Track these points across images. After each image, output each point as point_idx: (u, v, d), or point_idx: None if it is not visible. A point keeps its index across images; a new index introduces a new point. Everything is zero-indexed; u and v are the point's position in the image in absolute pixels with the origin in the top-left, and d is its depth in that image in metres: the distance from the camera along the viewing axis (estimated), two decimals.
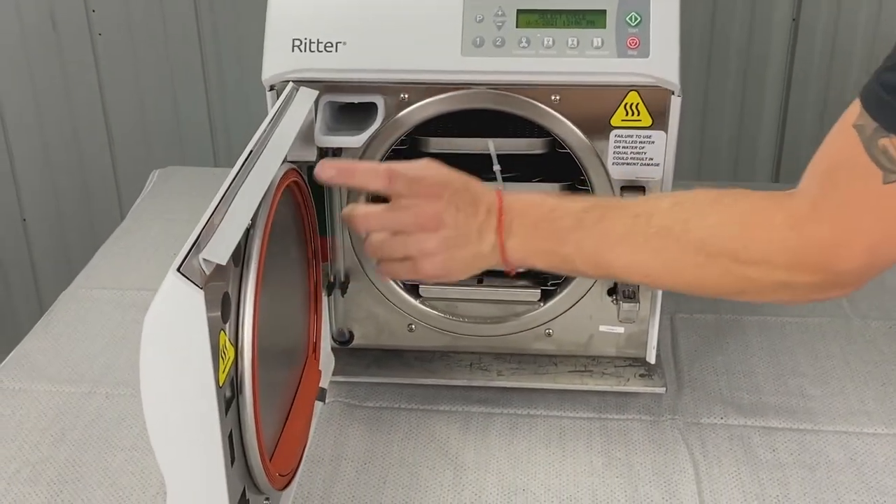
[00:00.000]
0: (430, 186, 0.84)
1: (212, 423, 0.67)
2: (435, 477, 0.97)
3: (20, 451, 1.01)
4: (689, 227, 0.80)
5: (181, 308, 0.64)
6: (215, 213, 0.69)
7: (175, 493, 0.70)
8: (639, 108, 0.94)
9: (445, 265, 0.85)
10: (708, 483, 0.96)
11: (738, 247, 0.78)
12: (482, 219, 0.85)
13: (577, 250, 0.83)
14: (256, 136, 0.81)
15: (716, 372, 1.13)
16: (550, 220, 0.84)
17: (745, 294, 0.82)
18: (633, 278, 0.84)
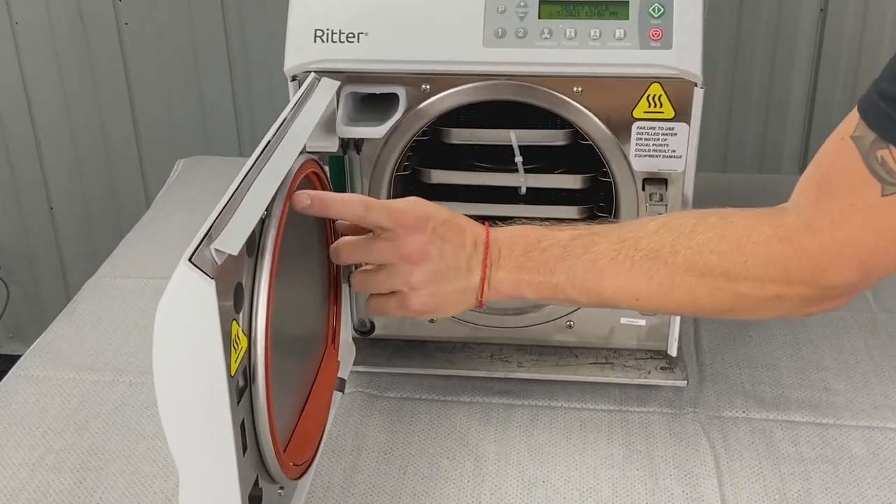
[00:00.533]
0: (411, 218, 0.82)
1: (223, 412, 0.67)
2: (455, 468, 0.97)
3: (44, 438, 1.02)
4: (677, 248, 0.79)
5: (192, 298, 0.64)
6: (229, 204, 0.69)
7: (187, 481, 0.70)
8: (661, 99, 0.94)
9: (434, 300, 0.84)
10: (729, 476, 0.96)
11: (727, 264, 0.78)
12: (469, 251, 0.84)
13: (567, 279, 0.82)
14: (275, 126, 0.81)
15: (738, 365, 1.12)
16: (539, 250, 0.83)
17: (738, 311, 0.81)
18: (624, 303, 0.83)
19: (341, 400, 1.05)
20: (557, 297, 0.84)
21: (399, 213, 0.82)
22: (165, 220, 1.44)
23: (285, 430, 0.81)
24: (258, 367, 0.72)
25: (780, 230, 0.77)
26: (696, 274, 0.79)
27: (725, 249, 0.78)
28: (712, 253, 0.79)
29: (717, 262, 0.78)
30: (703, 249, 0.79)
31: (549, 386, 1.07)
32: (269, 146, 0.78)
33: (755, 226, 0.78)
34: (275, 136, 0.80)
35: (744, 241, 0.78)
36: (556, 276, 0.82)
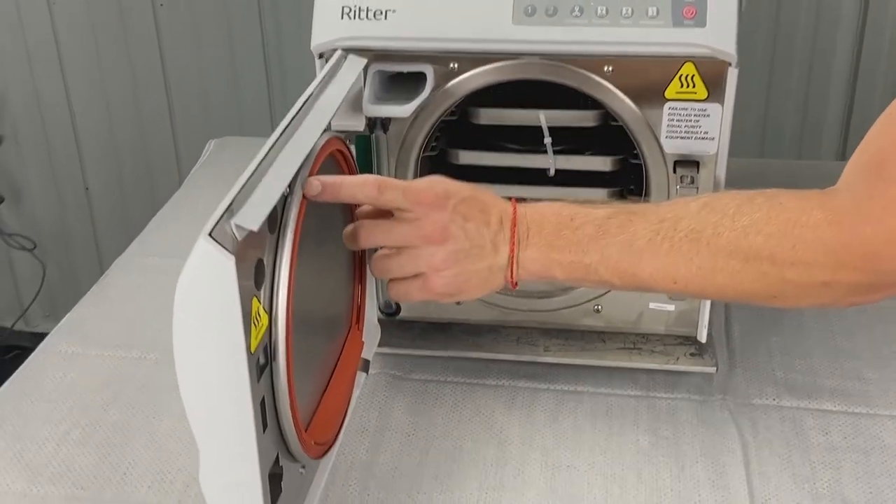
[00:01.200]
0: (430, 196, 0.79)
1: (242, 389, 0.67)
2: (478, 450, 0.97)
3: (71, 413, 1.02)
4: (720, 230, 0.76)
5: (212, 274, 0.64)
6: (251, 179, 0.69)
7: (207, 458, 0.70)
8: (694, 79, 0.92)
9: (458, 281, 0.80)
10: (757, 465, 0.94)
11: (774, 247, 0.74)
12: (495, 229, 0.81)
13: (601, 259, 0.79)
14: (299, 102, 0.81)
15: (770, 353, 1.10)
16: (572, 229, 0.80)
17: (783, 298, 0.77)
18: (661, 286, 0.80)
19: (366, 381, 1.05)
20: (590, 279, 0.81)
21: (416, 192, 0.80)
22: (195, 199, 1.44)
23: (307, 408, 0.81)
24: (279, 345, 0.71)
25: (831, 213, 0.73)
26: (740, 258, 0.75)
27: (772, 232, 0.74)
28: (758, 235, 0.74)
29: (764, 245, 0.74)
30: (748, 231, 0.75)
31: (576, 370, 1.06)
32: (293, 122, 0.78)
33: (805, 208, 0.74)
34: (299, 112, 0.79)
35: (792, 223, 0.74)
36: (589, 255, 0.79)
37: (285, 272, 0.72)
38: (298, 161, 0.74)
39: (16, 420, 1.01)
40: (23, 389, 1.06)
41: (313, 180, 0.76)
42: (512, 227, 0.81)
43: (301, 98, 0.82)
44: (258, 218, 0.65)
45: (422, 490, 0.92)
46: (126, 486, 0.93)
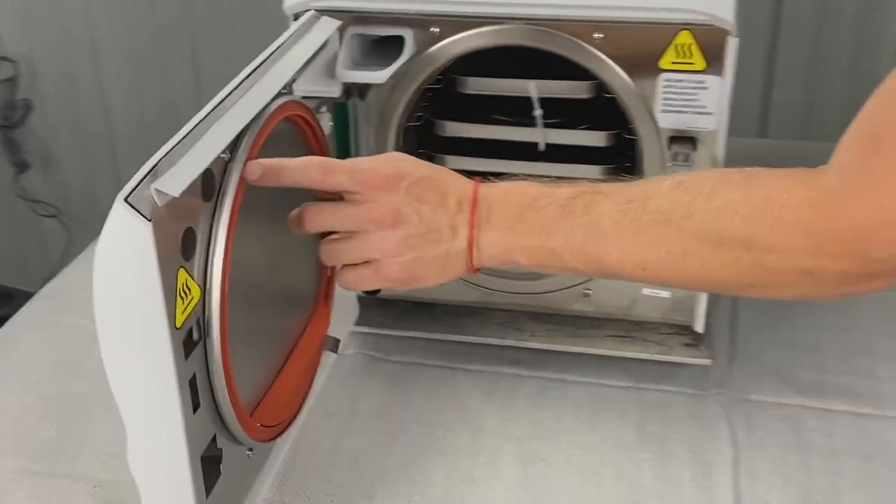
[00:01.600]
0: (380, 178, 0.73)
1: (166, 366, 0.63)
2: (451, 439, 0.91)
3: (37, 384, 0.99)
4: (692, 210, 0.69)
5: (128, 241, 0.59)
6: (184, 141, 0.64)
7: (134, 437, 0.66)
8: (691, 49, 0.85)
9: (413, 267, 0.75)
10: (747, 466, 0.88)
11: (749, 230, 0.67)
12: (453, 211, 0.75)
13: (565, 243, 0.72)
14: (255, 62, 0.76)
15: (776, 345, 1.03)
16: (535, 210, 0.73)
17: (760, 287, 0.70)
18: (629, 273, 0.73)
19: (341, 361, 1.00)
20: (555, 264, 0.75)
21: (364, 173, 0.74)
22: None
23: (255, 388, 0.76)
24: (213, 320, 0.67)
25: (815, 193, 0.65)
26: (713, 241, 0.69)
27: (748, 213, 0.67)
28: (734, 217, 0.67)
29: (738, 227, 0.67)
30: (722, 213, 0.68)
31: (564, 358, 1.00)
32: (244, 83, 0.73)
33: (785, 186, 0.67)
34: (253, 73, 0.74)
35: (771, 203, 0.66)
36: (552, 239, 0.73)
37: (221, 243, 0.67)
38: (242, 124, 0.69)
39: None
40: None
41: (253, 164, 0.70)
42: (472, 208, 0.75)
43: (258, 58, 0.77)
44: (181, 183, 0.60)
45: (385, 479, 0.87)
46: (80, 461, 0.89)
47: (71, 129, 2.33)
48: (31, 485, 0.87)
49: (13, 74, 2.28)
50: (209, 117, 0.67)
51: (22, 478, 0.87)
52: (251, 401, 0.76)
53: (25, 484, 0.87)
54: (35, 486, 0.87)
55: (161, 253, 0.60)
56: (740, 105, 0.90)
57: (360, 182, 0.73)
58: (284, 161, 0.72)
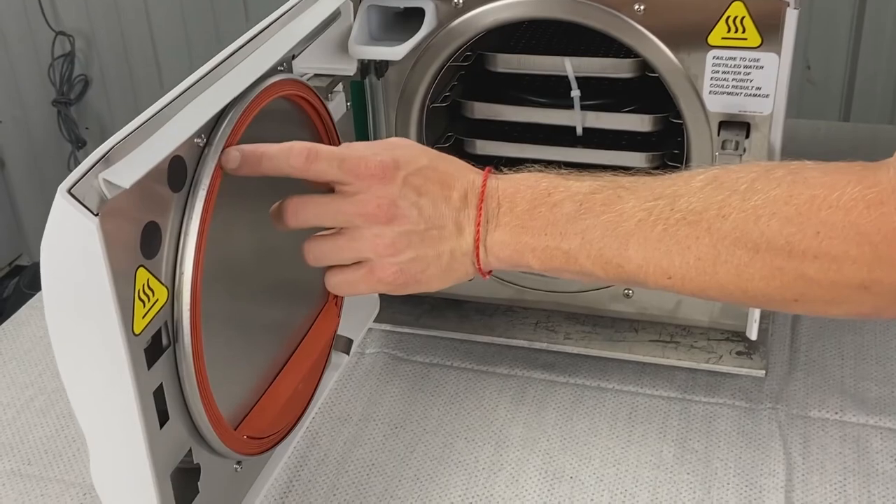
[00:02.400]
0: (374, 166, 0.65)
1: (123, 377, 0.56)
2: (471, 451, 0.83)
3: (39, 377, 0.94)
4: (726, 210, 0.59)
5: (72, 238, 0.52)
6: (148, 123, 0.57)
7: (96, 452, 0.60)
8: (744, 22, 0.75)
9: (411, 269, 0.66)
10: (801, 493, 0.78)
11: (792, 234, 0.57)
12: (458, 206, 0.66)
13: (581, 245, 0.63)
14: (250, 33, 0.68)
15: (841, 355, 0.93)
16: (548, 206, 0.64)
17: (805, 302, 0.60)
18: (652, 281, 0.63)
19: (359, 361, 0.93)
20: (570, 269, 0.65)
21: (355, 160, 0.65)
22: None
23: (242, 396, 0.69)
24: (182, 324, 0.60)
25: (873, 191, 0.55)
26: (749, 247, 0.59)
27: (789, 214, 0.57)
28: (773, 218, 0.58)
29: (779, 231, 0.58)
30: (760, 213, 0.58)
31: (601, 364, 0.91)
32: (231, 58, 0.65)
33: (837, 184, 0.57)
34: (245, 45, 0.67)
35: (818, 203, 0.57)
36: (567, 240, 0.64)
37: (193, 238, 0.60)
38: (218, 106, 0.61)
39: None
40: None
41: (231, 150, 0.62)
42: (479, 203, 0.66)
43: (252, 30, 0.69)
44: (134, 174, 0.53)
45: (397, 493, 0.80)
46: (75, 465, 0.84)
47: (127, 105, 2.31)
48: (20, 489, 0.81)
49: (70, 50, 2.26)
50: (183, 96, 0.60)
51: (12, 481, 0.82)
52: (237, 410, 0.69)
53: (15, 488, 0.81)
54: (24, 490, 0.81)
55: (112, 251, 0.53)
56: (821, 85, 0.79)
57: (351, 171, 0.65)
58: (264, 147, 0.64)
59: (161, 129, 0.57)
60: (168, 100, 0.59)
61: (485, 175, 0.67)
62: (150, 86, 2.26)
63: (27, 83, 2.36)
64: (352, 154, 0.66)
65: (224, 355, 0.65)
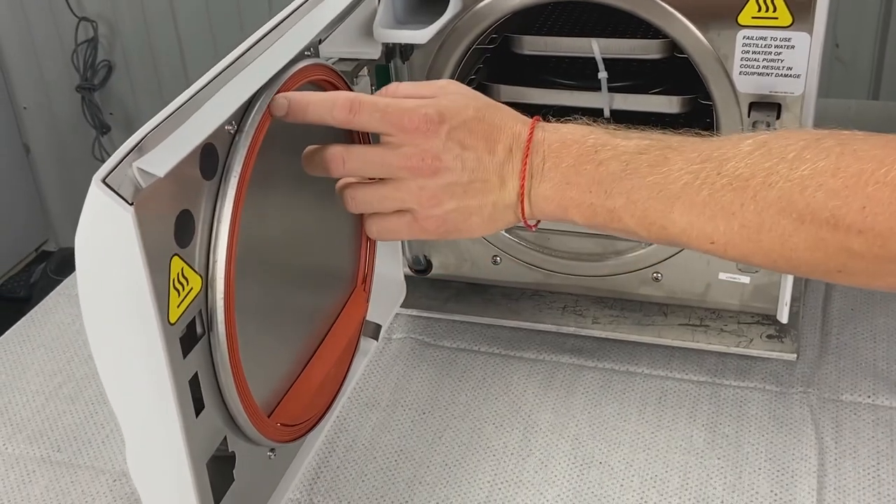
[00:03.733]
0: (418, 120, 0.64)
1: (160, 366, 0.55)
2: (500, 436, 0.83)
3: (68, 364, 0.94)
4: (773, 178, 0.58)
5: (108, 228, 0.52)
6: (179, 111, 0.57)
7: (132, 442, 0.60)
8: (775, 1, 0.74)
9: (453, 218, 0.66)
10: (834, 477, 0.77)
11: (837, 208, 0.56)
12: (502, 158, 0.66)
13: (626, 204, 0.63)
14: (276, 19, 0.68)
15: (874, 338, 0.92)
16: (595, 164, 0.64)
17: (848, 274, 0.59)
18: (695, 244, 0.63)
19: (386, 346, 0.93)
20: (613, 226, 0.65)
21: (397, 113, 0.65)
22: None
23: (275, 383, 0.69)
24: (217, 312, 0.59)
25: None
26: (794, 216, 0.58)
27: (836, 187, 0.57)
28: (819, 190, 0.57)
29: (823, 203, 0.57)
30: (807, 184, 0.58)
31: (630, 348, 0.91)
32: (258, 44, 0.65)
33: (886, 158, 0.56)
34: (271, 31, 0.66)
35: (866, 177, 0.56)
36: (612, 199, 0.64)
37: (225, 226, 0.59)
38: (248, 93, 0.61)
39: (12, 368, 0.94)
40: (27, 333, 0.98)
41: (280, 97, 0.63)
42: (524, 157, 0.65)
43: (279, 15, 0.69)
44: (168, 161, 0.53)
45: (426, 479, 0.80)
46: (105, 452, 0.84)
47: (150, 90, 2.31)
48: (51, 476, 0.82)
49: (93, 35, 2.26)
50: (213, 83, 0.60)
51: (42, 468, 0.82)
52: (271, 397, 0.68)
53: (45, 475, 0.82)
54: (55, 477, 0.82)
55: (147, 240, 0.52)
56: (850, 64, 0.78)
57: (394, 124, 0.65)
58: (310, 96, 0.64)
59: (192, 116, 0.57)
60: (198, 87, 0.59)
61: (531, 126, 0.66)
62: (173, 70, 2.26)
63: (51, 69, 2.36)
64: (395, 107, 0.65)
65: (256, 343, 0.65)
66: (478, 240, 0.92)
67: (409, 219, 0.68)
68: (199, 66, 2.22)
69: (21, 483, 0.81)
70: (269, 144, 0.63)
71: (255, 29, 0.66)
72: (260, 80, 0.62)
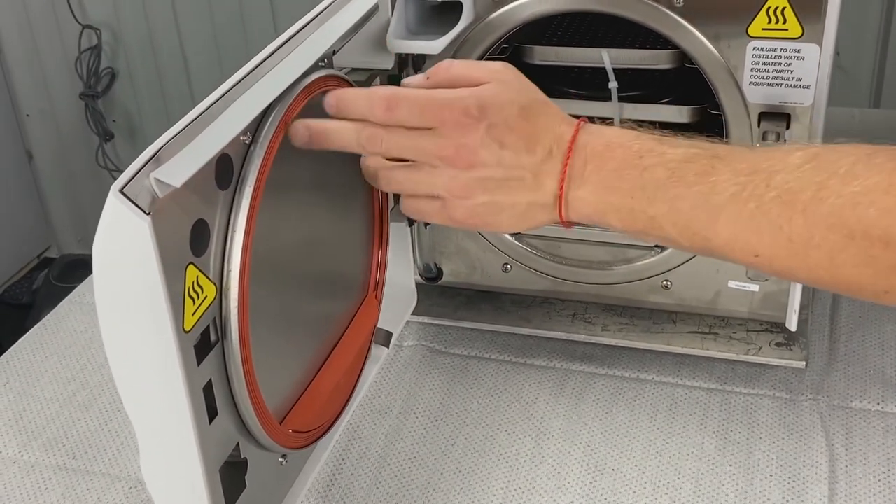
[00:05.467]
0: (458, 113, 0.64)
1: (174, 374, 0.56)
2: (512, 443, 0.84)
3: (82, 372, 0.95)
4: (824, 193, 0.58)
5: (125, 237, 0.53)
6: (196, 122, 0.57)
7: (146, 448, 0.61)
8: (785, 13, 0.75)
9: (484, 211, 0.66)
10: (845, 484, 0.78)
11: (887, 225, 0.56)
12: (541, 158, 0.65)
13: (668, 212, 0.62)
14: (291, 30, 0.69)
15: (882, 345, 0.92)
16: (639, 169, 0.63)
17: (894, 295, 0.59)
18: (739, 258, 0.63)
19: (397, 354, 0.94)
20: (654, 234, 0.65)
21: (436, 108, 0.65)
22: None
23: (287, 390, 0.70)
24: (231, 320, 0.60)
25: None
26: (844, 232, 0.57)
27: (889, 205, 0.56)
28: (871, 206, 0.56)
29: (876, 220, 0.56)
30: (858, 200, 0.57)
31: (640, 355, 0.91)
32: (273, 55, 0.66)
33: None
34: (286, 43, 0.67)
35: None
36: (654, 206, 0.63)
37: (240, 236, 0.60)
38: (264, 103, 0.62)
39: (26, 375, 0.95)
40: (40, 341, 0.99)
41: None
42: (565, 159, 0.65)
43: (293, 27, 0.69)
44: (185, 172, 0.54)
45: (439, 486, 0.80)
46: (120, 459, 0.85)
47: (154, 97, 2.32)
48: (67, 483, 0.82)
49: (96, 43, 2.27)
50: (228, 95, 0.61)
51: (58, 475, 0.83)
52: (283, 404, 0.69)
53: (61, 482, 0.82)
54: (71, 484, 0.82)
55: (163, 249, 0.53)
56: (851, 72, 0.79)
57: (434, 117, 0.65)
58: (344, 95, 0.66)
59: (208, 127, 0.58)
60: (214, 98, 0.60)
61: (576, 128, 0.66)
62: (176, 78, 2.27)
63: (54, 76, 2.38)
64: (436, 101, 0.65)
65: (269, 350, 0.66)
66: (488, 248, 0.92)
67: (439, 205, 0.68)
68: (203, 73, 2.23)
69: (37, 491, 0.82)
70: (284, 154, 0.63)
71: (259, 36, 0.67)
72: (275, 91, 0.63)
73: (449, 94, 0.66)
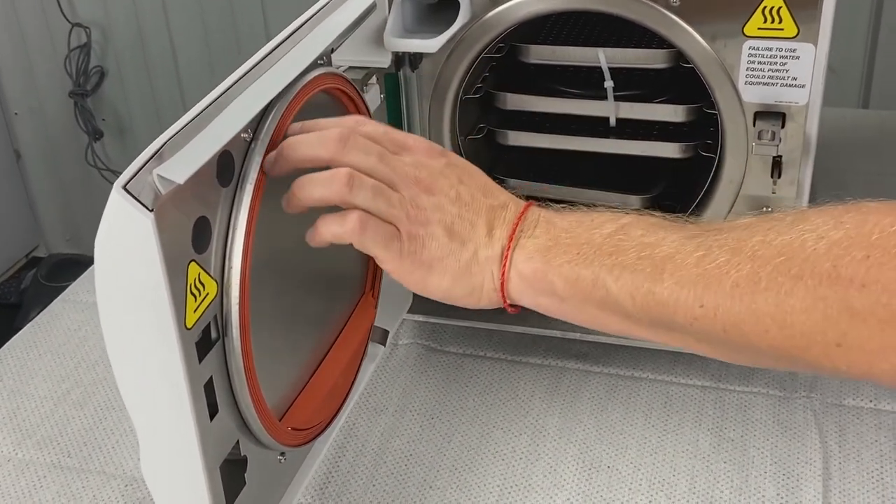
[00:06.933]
0: (422, 142, 0.66)
1: (175, 370, 0.56)
2: (508, 441, 0.84)
3: (76, 369, 0.95)
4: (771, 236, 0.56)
5: (127, 233, 0.53)
6: (196, 119, 0.57)
7: (146, 445, 0.61)
8: (780, 13, 0.75)
9: (430, 252, 0.63)
10: (839, 481, 0.78)
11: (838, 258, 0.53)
12: (494, 204, 0.64)
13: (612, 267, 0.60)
14: (289, 28, 0.69)
15: None
16: (586, 226, 0.62)
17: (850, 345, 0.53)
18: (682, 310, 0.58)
19: (393, 352, 0.94)
20: (595, 296, 0.60)
21: (400, 135, 0.66)
22: None
23: (286, 388, 0.70)
24: (232, 317, 0.60)
25: None
26: (792, 273, 0.54)
27: (837, 238, 0.53)
28: (819, 241, 0.53)
29: (825, 253, 0.53)
30: (806, 238, 0.54)
31: (635, 353, 0.92)
32: (272, 54, 0.66)
33: (892, 211, 0.53)
34: (285, 41, 0.67)
35: (869, 226, 0.52)
36: (596, 262, 0.60)
37: (241, 233, 0.60)
38: (266, 100, 0.62)
39: (19, 373, 0.94)
40: (33, 339, 0.99)
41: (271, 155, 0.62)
42: (520, 213, 0.64)
43: (292, 25, 0.70)
44: (188, 169, 0.54)
45: (436, 483, 0.80)
46: (115, 457, 0.84)
47: (143, 96, 2.31)
48: (62, 481, 0.82)
49: (86, 41, 2.26)
50: (229, 92, 0.61)
51: (53, 473, 0.83)
52: (282, 402, 0.69)
53: (56, 480, 0.82)
54: (66, 482, 0.82)
55: (166, 246, 0.53)
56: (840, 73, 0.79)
57: (397, 142, 0.65)
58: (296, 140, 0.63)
59: (209, 125, 0.58)
60: (214, 96, 0.60)
61: (529, 203, 0.66)
62: (166, 76, 2.27)
63: (43, 75, 2.37)
64: (397, 131, 0.66)
65: (269, 348, 0.66)
66: None
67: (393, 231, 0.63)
68: (193, 71, 2.23)
69: (32, 489, 0.81)
70: None
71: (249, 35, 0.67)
72: (275, 89, 0.63)
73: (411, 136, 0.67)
